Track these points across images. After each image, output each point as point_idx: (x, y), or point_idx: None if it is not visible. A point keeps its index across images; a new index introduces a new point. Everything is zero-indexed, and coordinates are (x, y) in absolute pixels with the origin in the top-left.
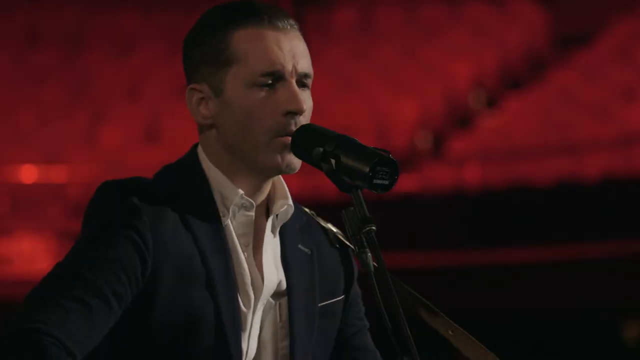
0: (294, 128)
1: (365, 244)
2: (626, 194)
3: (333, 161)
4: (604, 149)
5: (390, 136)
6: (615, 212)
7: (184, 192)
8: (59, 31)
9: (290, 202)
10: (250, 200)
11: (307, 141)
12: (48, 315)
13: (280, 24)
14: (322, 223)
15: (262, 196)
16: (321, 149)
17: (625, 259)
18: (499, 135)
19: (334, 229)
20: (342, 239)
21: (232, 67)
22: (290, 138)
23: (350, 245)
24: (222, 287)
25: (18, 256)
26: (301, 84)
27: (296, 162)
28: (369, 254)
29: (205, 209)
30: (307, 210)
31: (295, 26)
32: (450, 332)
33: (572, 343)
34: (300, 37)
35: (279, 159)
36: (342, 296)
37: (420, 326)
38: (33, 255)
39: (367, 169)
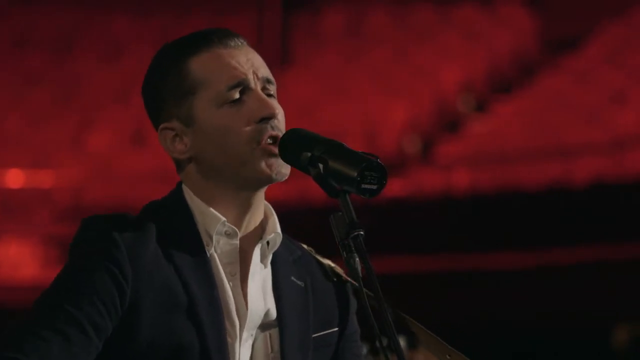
0: (271, 131)
1: (353, 249)
2: (617, 198)
3: (321, 166)
4: (595, 154)
5: (379, 140)
6: (605, 216)
7: (167, 225)
8: (49, 35)
9: (279, 230)
10: (233, 227)
11: (295, 145)
12: (28, 347)
13: (231, 42)
14: (319, 258)
15: (252, 222)
16: (309, 154)
17: (615, 263)
18: (488, 140)
19: (332, 264)
20: (340, 273)
21: (197, 94)
22: (272, 147)
23: (349, 280)
24: (207, 316)
25: (4, 261)
26: (267, 93)
27: (285, 170)
28: (357, 259)
29: (188, 240)
30: (304, 246)
31: (246, 42)
32: (447, 357)
33: (562, 347)
34: (254, 51)
35: (265, 167)
36: (337, 328)
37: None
38: (19, 260)
39: (355, 174)
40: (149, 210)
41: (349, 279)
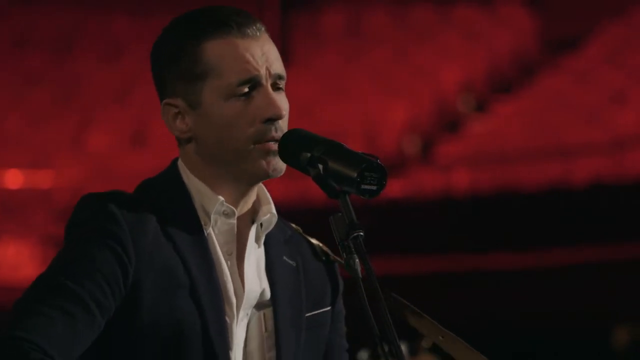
0: (274, 134)
1: (352, 249)
2: (616, 198)
3: (321, 166)
4: (594, 154)
5: (379, 140)
6: (605, 217)
7: (164, 203)
8: (48, 34)
9: (274, 211)
10: (231, 207)
11: (294, 146)
12: (32, 325)
13: (249, 31)
14: (308, 237)
15: (246, 205)
16: (309, 154)
17: (616, 263)
18: (488, 140)
19: (320, 244)
20: (328, 252)
21: (206, 80)
22: (272, 144)
23: (338, 259)
24: (207, 297)
25: (3, 262)
26: (276, 87)
27: (282, 166)
28: (357, 260)
29: (186, 219)
30: (293, 225)
31: (263, 29)
32: (440, 338)
33: (561, 348)
34: (270, 40)
35: (264, 164)
36: (329, 307)
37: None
38: (18, 260)
39: (355, 174)
40: (145, 189)
41: (337, 258)
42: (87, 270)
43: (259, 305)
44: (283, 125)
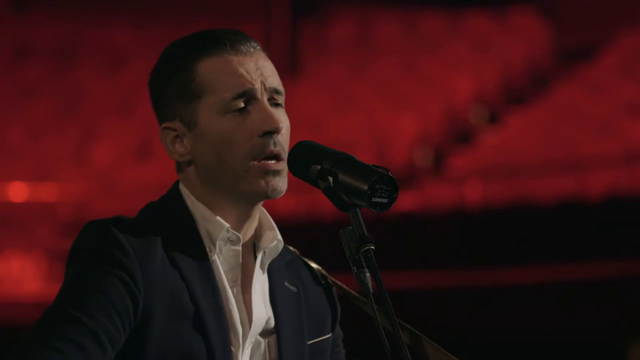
0: (273, 148)
1: (363, 264)
2: (631, 212)
3: (331, 179)
4: (609, 166)
5: (389, 153)
6: (619, 230)
7: (169, 229)
8: (49, 45)
9: (280, 237)
10: (237, 233)
11: (304, 158)
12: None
13: (242, 48)
14: (306, 261)
15: (250, 231)
16: (319, 167)
17: (631, 278)
18: (500, 152)
19: (319, 267)
20: (327, 275)
21: (201, 98)
22: (271, 163)
23: (337, 283)
24: (213, 325)
25: (6, 276)
26: (274, 103)
27: (282, 186)
28: (368, 274)
29: (191, 246)
30: (291, 248)
31: (259, 47)
32: None
33: None
34: (266, 57)
35: (263, 184)
36: (330, 334)
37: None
38: (22, 275)
39: (366, 187)
40: (149, 214)
41: (337, 282)
42: (98, 301)
43: (264, 333)
44: (282, 141)
